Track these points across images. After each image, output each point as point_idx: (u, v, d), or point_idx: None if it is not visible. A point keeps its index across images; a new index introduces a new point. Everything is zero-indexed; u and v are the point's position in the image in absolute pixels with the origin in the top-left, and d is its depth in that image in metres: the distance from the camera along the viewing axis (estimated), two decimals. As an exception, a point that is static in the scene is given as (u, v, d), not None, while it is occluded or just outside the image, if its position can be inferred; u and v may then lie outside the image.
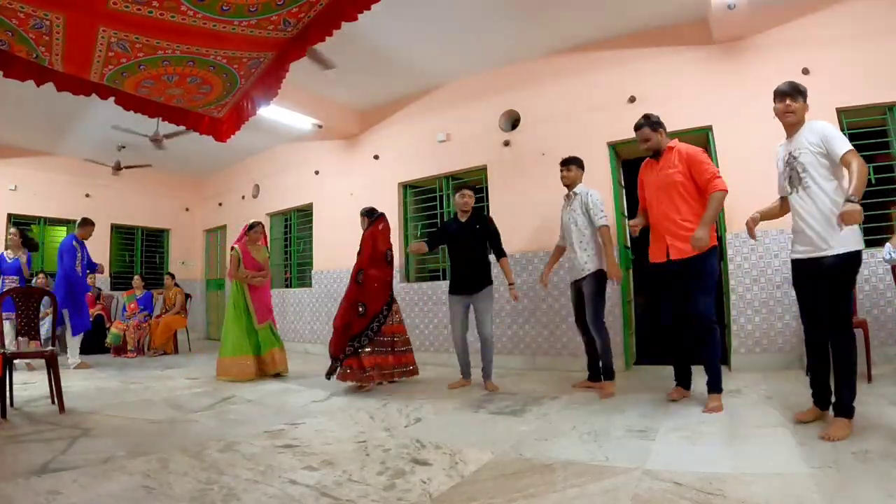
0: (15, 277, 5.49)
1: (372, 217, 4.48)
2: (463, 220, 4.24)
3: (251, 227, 5.20)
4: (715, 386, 3.02)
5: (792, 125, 2.58)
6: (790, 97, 2.56)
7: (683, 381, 3.34)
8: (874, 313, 3.86)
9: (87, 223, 5.89)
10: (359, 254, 4.35)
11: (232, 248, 5.12)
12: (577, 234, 3.79)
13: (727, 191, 3.04)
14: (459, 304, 4.18)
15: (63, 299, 5.28)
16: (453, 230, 4.26)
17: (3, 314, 4.91)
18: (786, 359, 4.06)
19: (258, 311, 5.00)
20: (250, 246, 5.15)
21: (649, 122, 3.24)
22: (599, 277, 3.72)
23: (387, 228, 4.48)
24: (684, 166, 3.12)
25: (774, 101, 2.61)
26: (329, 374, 4.18)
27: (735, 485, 1.85)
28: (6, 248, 5.78)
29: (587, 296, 3.74)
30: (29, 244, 5.74)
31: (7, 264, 5.56)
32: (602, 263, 3.73)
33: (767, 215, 2.78)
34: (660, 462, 2.15)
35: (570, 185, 3.93)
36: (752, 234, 2.67)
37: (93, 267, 6.00)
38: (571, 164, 3.93)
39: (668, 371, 3.48)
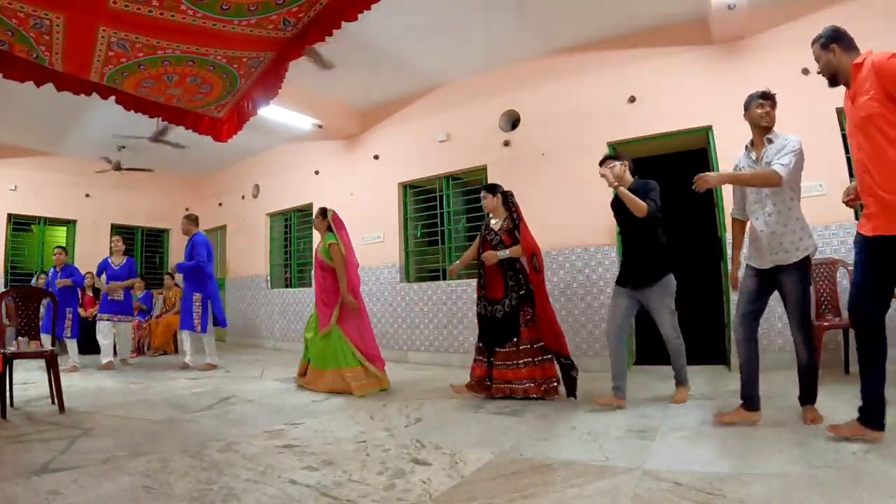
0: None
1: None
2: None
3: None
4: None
5: None
6: None
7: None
8: (874, 313, 3.85)
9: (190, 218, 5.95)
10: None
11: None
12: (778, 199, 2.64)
13: None
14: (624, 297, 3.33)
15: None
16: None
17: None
18: (786, 359, 4.05)
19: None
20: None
21: (819, 40, 2.42)
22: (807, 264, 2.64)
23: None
24: (877, 86, 2.06)
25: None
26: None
27: (735, 485, 1.84)
28: (111, 255, 6.12)
29: (798, 292, 2.58)
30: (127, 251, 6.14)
31: (113, 270, 5.91)
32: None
33: None
34: (660, 462, 2.16)
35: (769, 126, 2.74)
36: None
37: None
38: None
39: (668, 371, 3.46)
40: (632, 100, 4.83)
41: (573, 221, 4.98)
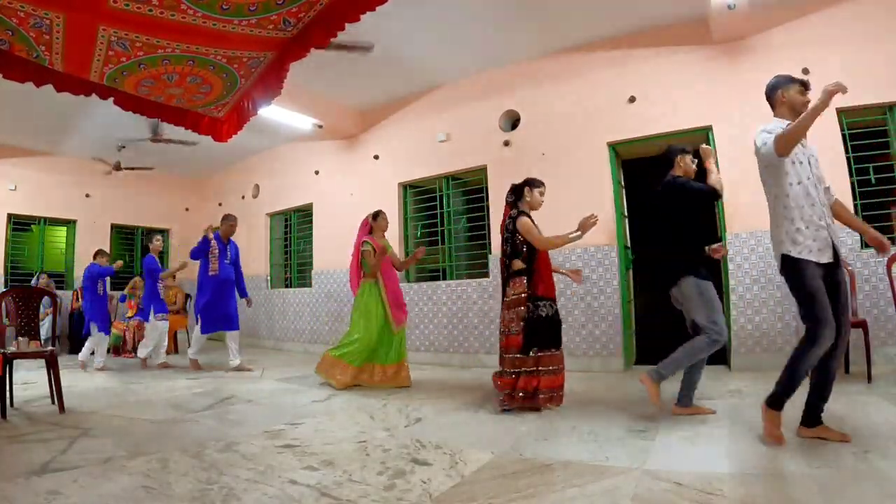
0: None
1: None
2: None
3: (375, 216, 4.66)
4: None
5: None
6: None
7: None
8: (874, 313, 3.85)
9: (227, 218, 5.95)
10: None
11: (363, 244, 4.49)
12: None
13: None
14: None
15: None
16: None
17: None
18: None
19: (395, 313, 4.44)
20: (378, 237, 4.61)
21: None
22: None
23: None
24: None
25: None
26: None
27: (735, 485, 1.84)
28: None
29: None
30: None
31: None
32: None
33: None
34: (660, 462, 2.16)
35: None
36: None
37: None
38: None
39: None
40: (632, 100, 4.84)
41: (573, 222, 4.97)
